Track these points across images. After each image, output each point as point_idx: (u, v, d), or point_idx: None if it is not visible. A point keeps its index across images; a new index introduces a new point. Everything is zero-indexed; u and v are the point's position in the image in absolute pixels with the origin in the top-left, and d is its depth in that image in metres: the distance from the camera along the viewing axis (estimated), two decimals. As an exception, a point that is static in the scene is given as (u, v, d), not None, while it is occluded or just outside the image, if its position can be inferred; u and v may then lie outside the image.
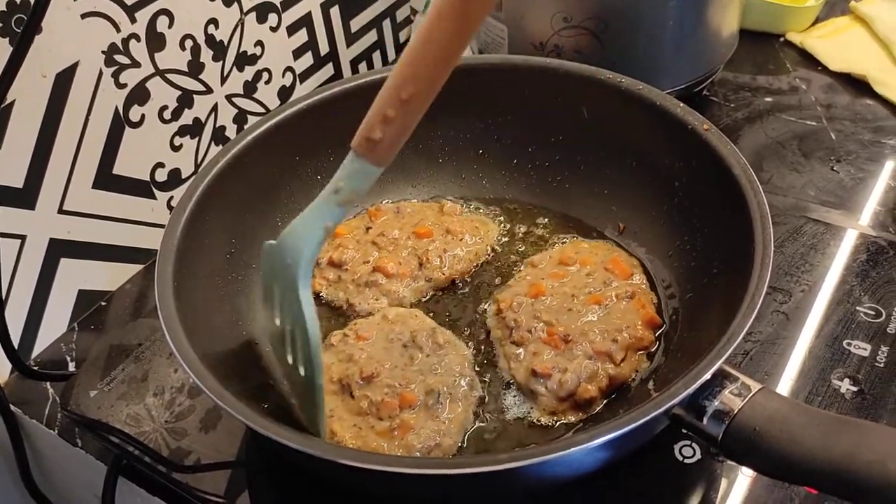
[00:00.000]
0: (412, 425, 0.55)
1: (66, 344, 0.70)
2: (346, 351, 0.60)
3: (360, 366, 0.58)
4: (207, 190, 0.60)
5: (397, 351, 0.60)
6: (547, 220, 0.71)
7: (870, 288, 0.66)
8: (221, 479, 0.58)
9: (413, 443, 0.54)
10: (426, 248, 0.67)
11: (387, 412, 0.56)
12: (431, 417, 0.56)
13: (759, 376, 0.59)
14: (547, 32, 0.78)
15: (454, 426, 0.56)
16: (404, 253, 0.67)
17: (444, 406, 0.56)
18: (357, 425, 0.56)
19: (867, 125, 0.85)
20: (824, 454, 0.42)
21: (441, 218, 0.70)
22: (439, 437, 0.55)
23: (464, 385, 0.58)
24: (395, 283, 0.65)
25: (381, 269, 0.66)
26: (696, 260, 0.61)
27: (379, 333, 0.61)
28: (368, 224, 0.70)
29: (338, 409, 0.57)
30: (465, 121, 0.72)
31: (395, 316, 0.63)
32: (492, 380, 0.60)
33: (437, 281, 0.66)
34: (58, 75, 0.63)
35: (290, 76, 0.87)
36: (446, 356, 0.60)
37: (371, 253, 0.67)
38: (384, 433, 0.55)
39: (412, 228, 0.69)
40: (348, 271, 0.66)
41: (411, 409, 0.56)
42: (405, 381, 0.57)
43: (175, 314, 0.51)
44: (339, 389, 0.58)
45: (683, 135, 0.61)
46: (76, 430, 0.64)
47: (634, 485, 0.54)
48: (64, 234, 0.68)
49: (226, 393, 0.48)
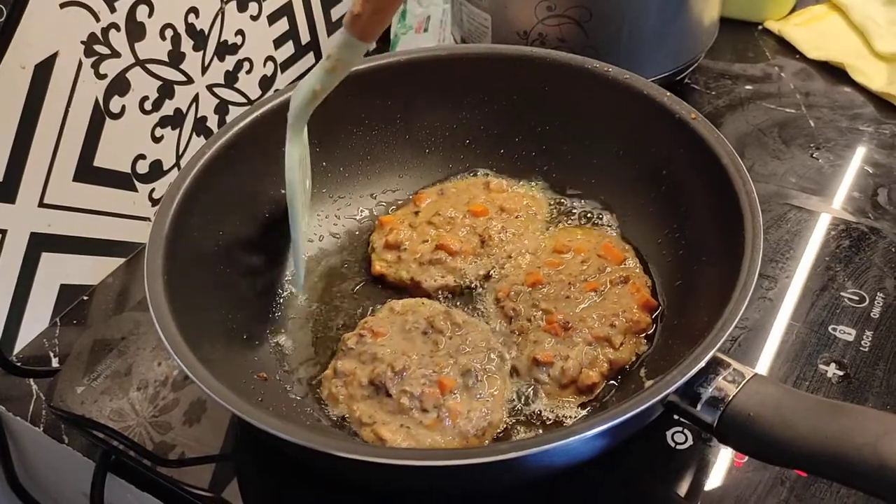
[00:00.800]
0: (460, 410, 0.54)
1: (49, 339, 0.69)
2: (367, 351, 0.58)
3: (389, 362, 0.57)
4: (194, 182, 0.59)
5: (419, 339, 0.59)
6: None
7: (853, 273, 0.67)
8: (206, 473, 0.58)
9: (466, 428, 0.54)
10: (484, 225, 0.67)
11: (431, 402, 0.54)
12: (474, 398, 0.55)
13: (747, 362, 0.59)
14: (531, 21, 0.78)
15: (497, 400, 0.56)
16: (462, 231, 0.67)
17: (484, 382, 0.56)
18: (404, 425, 0.54)
19: (845, 112, 0.86)
20: (817, 437, 0.43)
21: (490, 195, 0.70)
22: (489, 414, 0.55)
23: (494, 357, 0.58)
24: (459, 261, 0.66)
25: (444, 247, 0.66)
26: (685, 248, 0.61)
27: (393, 326, 0.60)
28: (415, 209, 0.70)
29: (377, 413, 0.55)
30: (451, 110, 0.72)
31: (402, 307, 0.62)
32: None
33: (499, 257, 0.67)
34: (37, 66, 0.62)
35: (272, 65, 0.86)
36: (469, 334, 0.59)
37: (428, 232, 0.67)
38: (434, 425, 0.54)
39: (465, 207, 0.69)
40: (408, 251, 0.66)
41: (453, 394, 0.55)
42: (438, 367, 0.57)
43: (166, 308, 0.51)
44: (372, 392, 0.56)
45: (671, 123, 0.62)
46: (62, 427, 0.63)
47: (627, 471, 0.55)
48: (45, 228, 0.67)
49: (221, 386, 0.47)
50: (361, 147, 0.72)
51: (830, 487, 0.53)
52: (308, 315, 0.65)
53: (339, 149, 0.70)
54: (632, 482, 0.55)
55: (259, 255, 0.65)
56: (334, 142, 0.70)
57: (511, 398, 0.57)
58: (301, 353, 0.62)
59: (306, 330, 0.64)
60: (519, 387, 0.58)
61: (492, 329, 0.61)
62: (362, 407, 0.56)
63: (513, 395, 0.57)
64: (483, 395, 0.56)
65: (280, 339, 0.62)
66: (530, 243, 0.67)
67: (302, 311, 0.65)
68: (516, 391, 0.58)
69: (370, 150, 0.72)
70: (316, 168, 0.69)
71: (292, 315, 0.65)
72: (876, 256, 0.69)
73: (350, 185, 0.72)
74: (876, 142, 0.82)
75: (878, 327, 0.63)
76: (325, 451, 0.44)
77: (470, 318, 0.62)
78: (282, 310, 0.65)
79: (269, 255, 0.66)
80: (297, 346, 0.62)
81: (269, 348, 0.62)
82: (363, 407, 0.56)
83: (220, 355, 0.56)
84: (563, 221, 0.70)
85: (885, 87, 0.87)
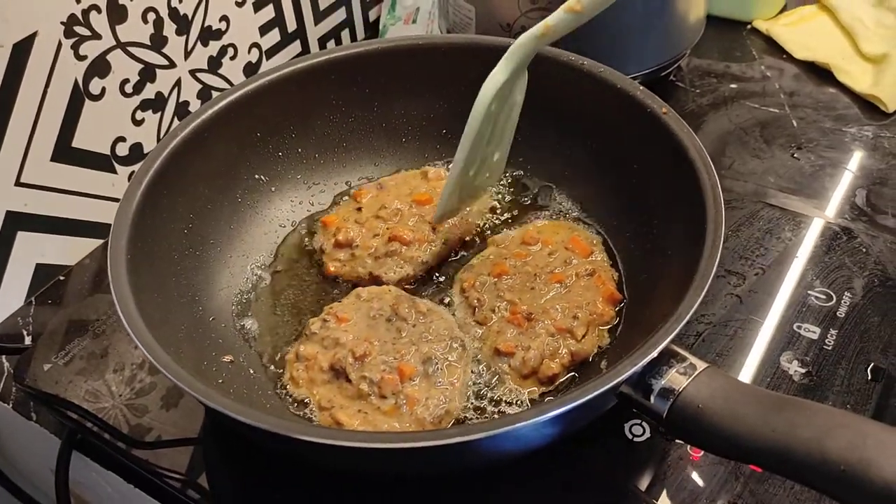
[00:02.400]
0: (417, 397, 0.55)
1: (23, 318, 0.69)
2: (330, 336, 0.59)
3: (350, 347, 0.57)
4: (165, 164, 0.59)
5: (383, 326, 0.60)
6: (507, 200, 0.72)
7: (822, 272, 0.67)
8: (183, 457, 0.58)
9: (423, 415, 0.54)
10: (432, 213, 0.67)
11: (389, 389, 0.55)
12: (434, 385, 0.56)
13: (710, 357, 0.60)
14: (514, 13, 0.78)
15: (457, 389, 0.56)
16: (411, 221, 0.67)
17: (444, 371, 0.57)
18: (362, 410, 0.55)
19: (829, 113, 0.86)
20: (764, 431, 0.43)
21: (430, 184, 0.70)
22: (446, 403, 0.55)
23: (457, 346, 0.58)
24: (413, 250, 0.66)
25: (397, 238, 0.66)
26: (653, 241, 0.62)
27: (358, 313, 0.61)
28: (357, 205, 0.70)
29: (337, 398, 0.56)
30: (429, 100, 0.72)
31: (367, 294, 0.62)
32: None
33: (452, 242, 0.67)
34: (15, 46, 0.62)
35: (257, 52, 0.86)
36: (432, 323, 0.60)
37: (377, 226, 0.67)
38: (391, 412, 0.54)
39: (409, 198, 0.69)
40: (360, 247, 0.66)
41: (412, 381, 0.56)
42: (399, 354, 0.57)
43: (128, 288, 0.51)
44: (332, 377, 0.57)
45: (643, 118, 0.62)
46: (31, 405, 0.63)
47: (585, 462, 0.55)
48: (21, 207, 0.67)
49: (180, 369, 0.47)
50: (337, 134, 0.72)
51: (784, 483, 0.53)
52: (275, 299, 0.65)
53: (314, 135, 0.71)
54: (589, 473, 0.55)
55: (229, 238, 0.66)
56: (310, 128, 0.70)
57: (471, 386, 0.57)
58: (266, 337, 0.62)
59: (273, 314, 0.64)
60: (482, 376, 0.58)
61: (456, 318, 0.62)
62: (322, 391, 0.56)
63: (474, 384, 0.58)
64: (442, 384, 0.56)
65: (246, 323, 0.63)
66: (481, 223, 0.69)
67: (269, 295, 0.65)
68: (480, 380, 0.58)
69: (346, 137, 0.72)
70: (291, 153, 0.70)
71: (260, 298, 0.65)
72: (846, 256, 0.69)
73: (325, 171, 0.72)
74: (858, 143, 0.82)
75: (843, 326, 0.63)
76: (257, 425, 0.44)
77: (435, 307, 0.62)
78: (250, 293, 0.65)
79: (240, 239, 0.67)
80: (263, 329, 0.63)
81: (235, 331, 0.62)
82: (322, 391, 0.56)
83: (184, 336, 0.56)
84: (532, 214, 0.70)
85: (870, 89, 0.87)
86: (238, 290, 0.65)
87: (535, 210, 0.70)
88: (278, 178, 0.70)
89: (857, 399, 0.58)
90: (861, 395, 0.58)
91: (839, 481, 0.40)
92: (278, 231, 0.69)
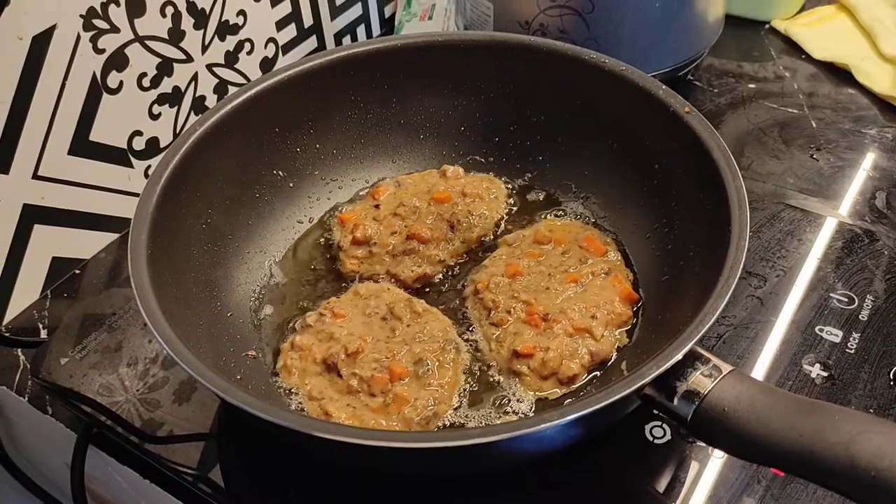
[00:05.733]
0: (406, 397, 0.55)
1: (39, 311, 0.69)
2: (325, 330, 0.59)
3: (343, 343, 0.58)
4: (184, 159, 0.59)
5: (377, 324, 0.60)
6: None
7: (844, 275, 0.67)
8: (195, 452, 0.58)
9: (410, 415, 0.54)
10: (451, 210, 0.67)
11: (378, 387, 0.55)
12: (423, 386, 0.55)
13: (731, 360, 0.60)
14: (533, 11, 0.77)
15: (447, 391, 0.56)
16: (430, 219, 0.67)
17: (435, 373, 0.56)
18: (350, 405, 0.55)
19: (848, 114, 0.85)
20: (790, 435, 0.43)
21: (448, 182, 0.70)
22: (434, 405, 0.55)
23: (450, 349, 0.58)
24: (432, 248, 0.66)
25: (415, 236, 0.65)
26: (674, 242, 0.61)
27: (355, 309, 0.61)
28: (375, 203, 0.69)
29: (327, 390, 0.56)
30: (447, 97, 0.72)
31: (366, 291, 0.62)
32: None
33: (470, 241, 0.67)
34: (34, 38, 0.62)
35: (273, 47, 0.86)
36: (427, 324, 0.59)
37: (395, 224, 0.67)
38: (379, 409, 0.54)
39: (427, 196, 0.69)
40: (378, 244, 0.66)
41: (402, 381, 0.55)
42: (391, 353, 0.57)
43: (148, 283, 0.51)
44: (324, 370, 0.57)
45: (665, 117, 0.61)
46: (47, 398, 0.63)
47: (605, 464, 0.55)
48: (38, 200, 0.67)
49: (200, 364, 0.47)
50: (355, 130, 0.71)
51: (807, 487, 0.53)
52: (292, 295, 0.65)
53: (332, 131, 0.70)
54: (609, 475, 0.55)
55: (247, 234, 0.65)
56: (328, 124, 0.70)
57: (465, 388, 0.57)
58: (280, 332, 0.62)
59: (290, 310, 0.64)
60: (481, 378, 0.58)
61: (452, 322, 0.61)
62: (313, 382, 0.56)
63: (465, 387, 0.57)
64: (433, 386, 0.56)
65: (263, 318, 0.62)
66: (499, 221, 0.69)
67: (286, 291, 0.65)
68: (478, 384, 0.58)
69: (364, 133, 0.72)
70: (309, 150, 0.69)
71: (278, 295, 0.65)
72: (868, 259, 0.68)
73: (343, 168, 0.72)
74: (878, 145, 0.81)
75: (866, 330, 0.62)
76: (282, 423, 0.44)
77: (431, 309, 0.62)
78: (267, 290, 0.65)
79: (258, 235, 0.66)
80: (280, 325, 0.62)
81: (253, 326, 0.62)
82: (314, 382, 0.56)
83: (203, 331, 0.56)
84: (548, 213, 0.70)
85: (890, 90, 0.86)
86: (256, 286, 0.64)
87: (551, 209, 0.70)
88: (296, 174, 0.69)
89: (880, 403, 0.57)
90: (884, 400, 0.57)
91: (869, 487, 0.40)
92: (296, 227, 0.69)
